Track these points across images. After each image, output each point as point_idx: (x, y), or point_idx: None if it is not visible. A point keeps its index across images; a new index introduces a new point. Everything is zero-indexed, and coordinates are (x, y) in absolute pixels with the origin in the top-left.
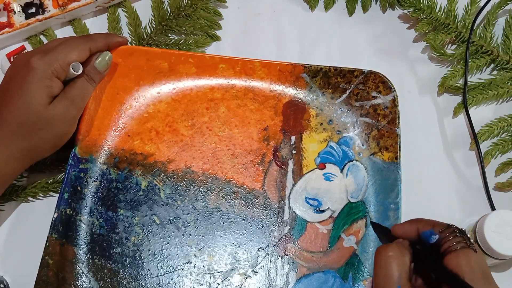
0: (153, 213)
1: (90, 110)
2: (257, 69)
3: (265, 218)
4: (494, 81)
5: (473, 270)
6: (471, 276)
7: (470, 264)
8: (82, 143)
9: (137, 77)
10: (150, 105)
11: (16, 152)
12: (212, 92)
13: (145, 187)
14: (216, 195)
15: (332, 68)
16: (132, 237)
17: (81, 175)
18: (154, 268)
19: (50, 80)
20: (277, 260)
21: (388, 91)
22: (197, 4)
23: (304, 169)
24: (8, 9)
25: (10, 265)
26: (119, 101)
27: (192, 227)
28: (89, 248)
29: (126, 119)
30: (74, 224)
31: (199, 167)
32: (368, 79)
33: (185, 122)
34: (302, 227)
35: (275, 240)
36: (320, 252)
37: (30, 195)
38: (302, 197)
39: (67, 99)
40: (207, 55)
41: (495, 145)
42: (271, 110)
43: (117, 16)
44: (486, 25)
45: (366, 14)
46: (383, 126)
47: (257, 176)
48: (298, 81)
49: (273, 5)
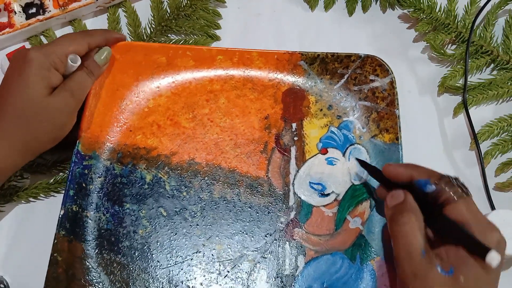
0: (159, 206)
1: (90, 107)
2: (254, 59)
3: (271, 205)
4: (494, 81)
5: (476, 217)
6: (475, 223)
7: (472, 213)
8: (85, 140)
9: (135, 73)
10: (150, 100)
11: (17, 144)
12: (211, 84)
13: (150, 181)
14: (221, 185)
15: (329, 54)
16: (139, 230)
17: (85, 172)
18: (164, 260)
19: (48, 71)
20: (285, 245)
21: (385, 74)
22: (196, 4)
23: (306, 155)
24: (8, 9)
25: (10, 265)
26: (119, 97)
27: (199, 217)
28: (97, 243)
29: (127, 114)
30: (81, 221)
31: (202, 158)
32: (365, 63)
33: (186, 115)
34: (308, 212)
35: (282, 226)
36: (327, 235)
37: (31, 196)
38: (306, 182)
39: (66, 90)
40: (205, 48)
41: (495, 145)
42: (271, 99)
43: (117, 17)
44: (486, 25)
45: (366, 14)
46: (382, 108)
47: (260, 164)
48: (296, 69)
49: (273, 5)
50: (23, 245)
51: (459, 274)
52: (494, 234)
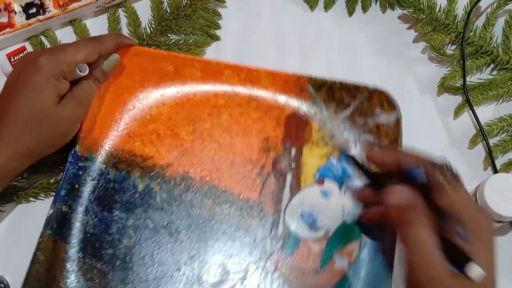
0: (147, 217)
1: (93, 109)
2: (262, 78)
3: (259, 231)
4: (494, 81)
5: (468, 206)
6: (466, 210)
7: (464, 201)
8: (84, 141)
9: (142, 79)
10: (153, 107)
11: (21, 149)
12: (216, 98)
13: (141, 190)
14: (211, 203)
15: (337, 82)
16: (124, 239)
17: (79, 173)
18: (144, 273)
19: (57, 80)
20: (267, 275)
21: (392, 110)
22: (196, 4)
23: (302, 184)
24: (9, 10)
25: (10, 265)
26: (122, 101)
27: (184, 234)
28: (82, 247)
29: (128, 119)
30: (69, 222)
31: (197, 173)
32: (372, 96)
33: (186, 127)
34: (295, 244)
35: (267, 255)
36: (311, 271)
37: (31, 196)
38: (297, 212)
39: (75, 99)
40: (213, 61)
41: (495, 146)
42: (274, 120)
43: (117, 17)
44: (486, 25)
45: (366, 14)
46: (385, 145)
47: (254, 187)
48: (302, 93)
49: (273, 5)
50: (24, 245)
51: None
52: (485, 221)
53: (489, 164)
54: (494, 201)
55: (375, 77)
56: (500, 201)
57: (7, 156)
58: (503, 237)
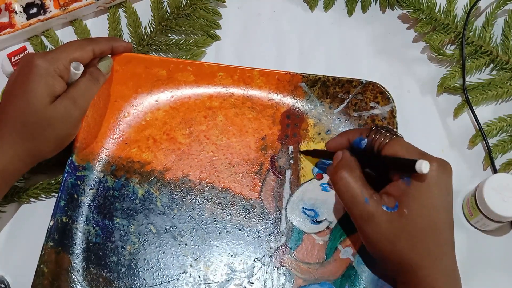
0: (149, 222)
1: (87, 117)
2: (255, 78)
3: (262, 229)
4: (494, 81)
5: (409, 150)
6: (409, 155)
7: (404, 147)
8: (80, 151)
9: (135, 85)
10: (148, 113)
11: (20, 152)
12: (210, 101)
13: (141, 196)
14: (212, 205)
15: (330, 78)
16: (128, 246)
17: (77, 183)
18: (150, 278)
19: (52, 78)
20: (273, 271)
21: (386, 102)
22: (196, 4)
23: (301, 179)
24: (9, 10)
25: (11, 265)
26: (117, 109)
27: (188, 236)
28: (85, 256)
29: (123, 126)
30: (70, 232)
31: (196, 176)
32: (366, 89)
33: (182, 131)
34: (298, 238)
35: (272, 251)
36: (316, 264)
37: (32, 196)
38: (299, 208)
39: (69, 99)
40: (206, 63)
41: (495, 146)
42: (269, 119)
43: (117, 17)
44: (485, 25)
45: (366, 14)
46: None
47: (254, 185)
48: (296, 90)
49: (273, 5)
50: (24, 245)
51: (402, 207)
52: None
53: (488, 164)
54: (493, 201)
55: (374, 77)
56: (499, 201)
57: (7, 159)
58: (503, 237)
